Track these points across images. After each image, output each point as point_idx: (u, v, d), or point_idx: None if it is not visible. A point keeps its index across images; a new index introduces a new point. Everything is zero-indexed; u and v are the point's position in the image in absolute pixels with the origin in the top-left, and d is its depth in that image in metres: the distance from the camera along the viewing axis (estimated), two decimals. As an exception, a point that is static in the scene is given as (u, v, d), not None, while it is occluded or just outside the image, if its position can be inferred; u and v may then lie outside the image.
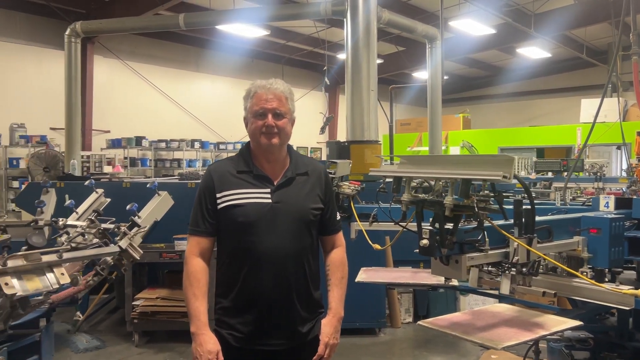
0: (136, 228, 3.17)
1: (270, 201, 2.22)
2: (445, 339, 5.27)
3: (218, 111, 14.75)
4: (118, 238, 3.12)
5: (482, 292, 2.92)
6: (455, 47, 13.67)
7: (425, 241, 1.92)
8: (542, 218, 2.48)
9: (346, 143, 6.50)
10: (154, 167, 13.02)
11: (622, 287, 2.20)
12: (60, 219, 3.47)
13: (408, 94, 18.87)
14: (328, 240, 2.41)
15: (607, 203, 2.85)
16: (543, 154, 12.96)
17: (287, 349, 2.23)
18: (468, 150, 13.21)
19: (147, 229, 3.62)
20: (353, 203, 3.75)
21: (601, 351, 2.64)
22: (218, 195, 2.24)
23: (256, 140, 2.27)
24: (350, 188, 3.78)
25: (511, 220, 2.09)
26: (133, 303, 5.31)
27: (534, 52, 15.43)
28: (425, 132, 11.76)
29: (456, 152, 13.40)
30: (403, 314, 6.00)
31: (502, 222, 2.09)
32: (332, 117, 9.37)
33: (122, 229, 3.13)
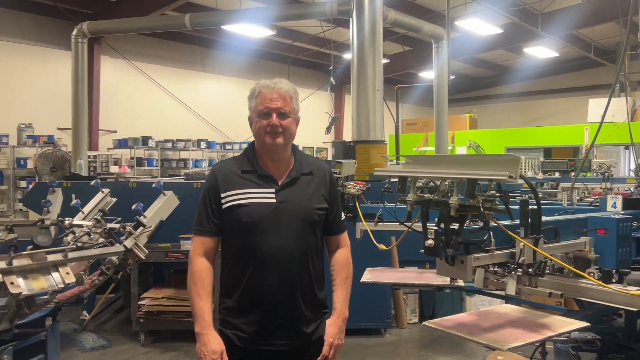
0: (141, 228, 3.18)
1: (274, 201, 2.22)
2: (451, 340, 5.25)
3: (224, 111, 14.77)
4: (123, 238, 3.12)
5: (488, 293, 2.90)
6: (461, 47, 13.64)
7: (430, 241, 1.91)
8: (549, 218, 2.46)
9: (352, 143, 6.49)
10: (161, 167, 13.06)
11: (630, 288, 2.18)
12: (66, 219, 3.47)
13: (414, 94, 18.83)
14: (333, 240, 2.40)
15: (615, 203, 2.83)
16: (550, 154, 12.90)
17: (292, 349, 2.22)
18: (475, 150, 13.14)
19: (153, 229, 3.63)
20: (358, 203, 3.75)
21: (608, 353, 2.62)
22: (222, 195, 2.23)
23: (260, 139, 2.26)
24: (355, 188, 3.78)
25: (517, 220, 2.08)
26: (139, 302, 5.32)
27: (541, 52, 15.35)
28: (431, 132, 11.72)
29: (463, 152, 13.35)
30: (409, 315, 5.99)
31: (508, 222, 2.08)
32: (338, 117, 9.35)
33: (128, 229, 3.14)
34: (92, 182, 4.24)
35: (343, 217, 2.45)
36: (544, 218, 2.12)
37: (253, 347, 2.21)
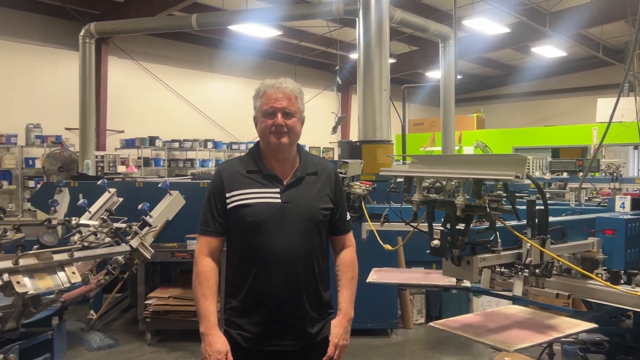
0: (147, 227, 3.18)
1: (279, 201, 2.21)
2: (457, 341, 5.22)
3: (231, 111, 14.80)
4: (129, 237, 3.13)
5: (495, 294, 2.89)
6: (468, 47, 13.59)
7: (436, 242, 1.90)
8: (556, 219, 2.44)
9: (358, 143, 6.48)
10: (168, 167, 13.11)
11: (638, 289, 2.16)
12: (73, 218, 3.48)
13: (421, 94, 18.79)
14: (338, 240, 2.39)
15: (623, 204, 2.80)
16: (558, 154, 12.82)
17: (297, 350, 2.21)
18: (482, 150, 13.06)
19: (159, 229, 3.64)
20: (364, 203, 3.74)
21: (616, 354, 2.60)
22: (227, 195, 2.23)
23: (266, 139, 2.26)
24: (361, 188, 3.76)
25: (524, 221, 2.06)
26: (146, 302, 5.34)
27: (549, 51, 15.27)
28: (438, 132, 11.68)
29: (470, 153, 13.30)
30: (415, 315, 5.96)
31: (515, 223, 2.06)
32: (344, 117, 9.34)
33: (134, 229, 3.14)
34: (99, 182, 4.26)
35: (348, 217, 2.44)
36: (552, 218, 2.10)
37: (258, 348, 2.20)
